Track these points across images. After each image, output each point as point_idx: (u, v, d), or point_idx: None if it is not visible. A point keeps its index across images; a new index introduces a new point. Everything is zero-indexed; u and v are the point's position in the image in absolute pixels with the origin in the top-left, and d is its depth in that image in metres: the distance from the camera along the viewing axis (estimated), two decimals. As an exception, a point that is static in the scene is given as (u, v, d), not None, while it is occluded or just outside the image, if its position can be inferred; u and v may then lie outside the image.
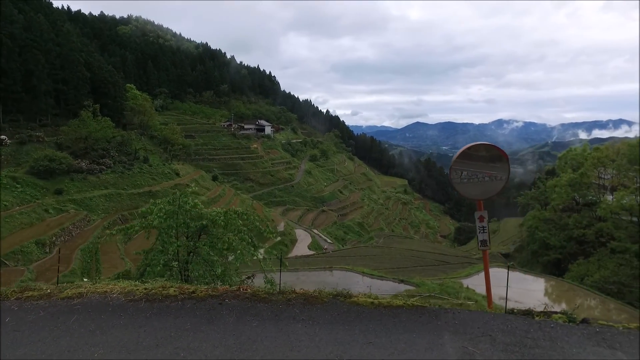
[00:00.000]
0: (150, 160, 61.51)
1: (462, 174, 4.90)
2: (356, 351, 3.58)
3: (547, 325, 4.03)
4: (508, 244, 64.67)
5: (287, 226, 70.57)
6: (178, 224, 7.51)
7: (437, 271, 33.78)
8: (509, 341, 3.69)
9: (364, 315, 4.24)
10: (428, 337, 3.79)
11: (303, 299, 4.55)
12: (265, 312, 4.32)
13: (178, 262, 7.36)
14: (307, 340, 3.77)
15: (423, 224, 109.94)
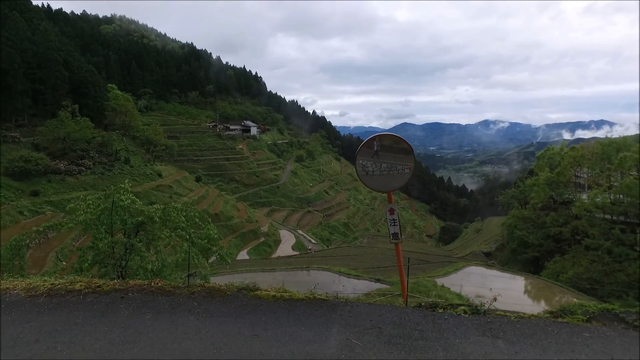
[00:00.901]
0: (131, 161, 60.78)
1: (367, 166, 4.91)
2: (239, 343, 3.56)
3: (441, 317, 4.07)
4: (490, 242, 65.39)
5: (271, 227, 70.34)
6: (114, 220, 7.41)
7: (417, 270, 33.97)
8: (395, 333, 3.71)
9: (261, 308, 4.22)
10: (316, 329, 3.78)
11: (207, 292, 4.52)
12: (164, 305, 4.28)
13: (114, 258, 7.26)
14: (193, 332, 3.74)
15: (409, 223, 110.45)
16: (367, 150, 4.89)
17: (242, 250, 58.78)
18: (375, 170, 4.86)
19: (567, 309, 4.30)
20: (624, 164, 36.30)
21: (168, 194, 59.88)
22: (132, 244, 7.24)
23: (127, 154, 62.83)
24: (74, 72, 58.53)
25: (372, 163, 4.83)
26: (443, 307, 4.39)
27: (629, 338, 3.69)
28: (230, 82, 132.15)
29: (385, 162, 4.82)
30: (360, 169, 4.98)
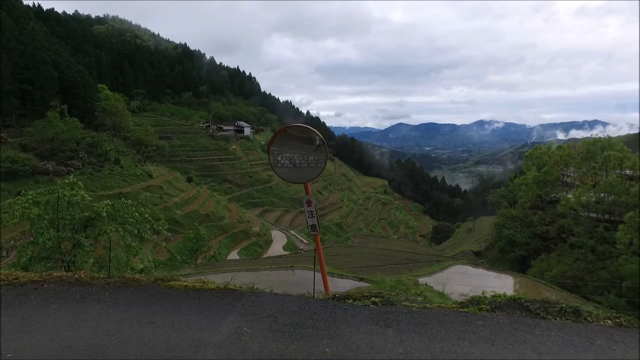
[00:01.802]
0: (121, 162, 60.54)
1: (280, 157, 4.94)
2: (133, 330, 3.60)
3: (342, 307, 4.11)
4: (481, 242, 65.61)
5: (263, 227, 70.25)
6: (62, 215, 7.41)
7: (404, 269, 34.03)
8: (289, 322, 3.76)
9: (169, 297, 4.26)
10: (213, 317, 3.83)
11: (123, 283, 4.55)
12: (74, 295, 4.31)
13: (61, 253, 7.26)
14: (92, 320, 3.78)
15: (402, 223, 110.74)
16: (281, 141, 4.93)
17: (233, 251, 58.76)
18: (288, 161, 4.90)
19: (476, 300, 4.36)
20: (607, 162, 36.56)
21: (158, 195, 59.73)
22: (77, 240, 7.24)
23: (118, 154, 62.61)
24: (63, 72, 58.26)
25: (285, 154, 4.86)
26: (355, 299, 4.43)
27: (521, 325, 3.76)
28: (223, 83, 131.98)
29: (298, 153, 4.86)
30: (273, 161, 5.02)
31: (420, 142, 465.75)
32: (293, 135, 4.88)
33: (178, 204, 61.25)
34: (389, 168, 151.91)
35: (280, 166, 5.03)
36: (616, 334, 3.63)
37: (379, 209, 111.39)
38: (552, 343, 3.39)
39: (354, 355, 3.15)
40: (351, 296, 4.52)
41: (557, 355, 3.21)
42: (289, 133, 4.88)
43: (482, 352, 3.24)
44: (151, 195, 58.07)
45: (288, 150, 4.89)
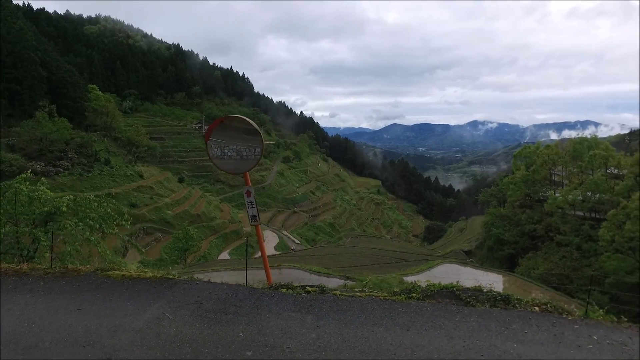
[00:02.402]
0: (112, 162, 60.23)
1: (219, 149, 4.98)
2: (57, 317, 3.63)
3: (269, 295, 4.17)
4: (472, 241, 65.96)
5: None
6: (22, 210, 7.40)
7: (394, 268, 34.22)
8: (212, 308, 3.81)
9: (104, 286, 4.30)
10: (140, 304, 3.88)
11: (61, 273, 4.57)
12: (7, 285, 4.33)
13: (19, 248, 7.24)
14: (18, 308, 3.80)
15: (395, 223, 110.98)
16: (218, 133, 4.97)
17: (224, 251, 58.68)
18: (225, 152, 4.94)
19: (409, 288, 4.42)
20: (593, 161, 36.92)
21: (149, 195, 59.51)
22: (36, 234, 7.22)
23: (108, 155, 62.26)
24: (53, 72, 57.89)
25: (222, 145, 4.90)
26: (290, 288, 4.49)
27: (443, 312, 3.83)
28: (217, 83, 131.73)
29: (235, 144, 4.89)
30: (212, 152, 5.06)
31: (414, 143, 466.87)
32: (230, 126, 4.91)
33: (169, 204, 61.04)
34: (383, 168, 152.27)
35: (218, 157, 5.07)
36: (534, 319, 3.71)
37: (372, 209, 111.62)
38: (467, 328, 3.46)
39: (266, 339, 3.20)
40: (287, 285, 4.57)
41: (467, 340, 3.28)
42: (226, 124, 4.92)
43: (394, 337, 3.30)
44: (142, 196, 57.93)
45: (226, 141, 4.93)
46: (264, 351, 3.03)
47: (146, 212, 55.43)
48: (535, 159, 45.87)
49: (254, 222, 5.49)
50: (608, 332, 3.51)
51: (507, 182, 48.22)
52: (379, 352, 3.05)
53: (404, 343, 3.18)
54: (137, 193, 58.19)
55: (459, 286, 4.46)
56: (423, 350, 3.08)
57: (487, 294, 4.29)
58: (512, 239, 43.86)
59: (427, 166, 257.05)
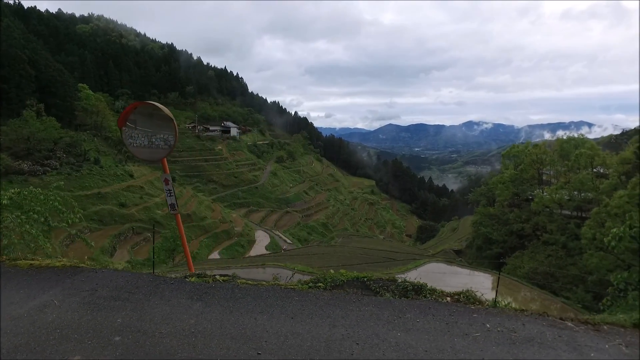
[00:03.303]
0: (101, 162, 59.89)
1: (133, 135, 4.89)
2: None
3: (170, 282, 4.08)
4: (462, 240, 66.05)
5: (246, 227, 70.01)
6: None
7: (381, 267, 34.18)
8: (105, 295, 3.74)
9: (7, 275, 4.21)
10: (35, 292, 3.84)
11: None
12: None
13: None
14: None
15: (389, 223, 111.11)
16: (132, 120, 4.87)
17: (215, 251, 58.45)
18: (140, 139, 4.84)
19: (320, 279, 4.35)
20: (579, 160, 37.04)
21: (139, 195, 59.19)
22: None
23: (98, 154, 61.92)
24: (41, 70, 57.48)
25: (136, 132, 4.81)
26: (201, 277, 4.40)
27: (339, 301, 3.77)
28: (210, 83, 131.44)
29: (149, 131, 4.80)
30: (127, 140, 4.96)
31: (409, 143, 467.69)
32: (144, 113, 4.82)
33: (159, 204, 60.72)
34: (377, 168, 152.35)
35: (134, 145, 4.98)
36: (434, 308, 3.65)
37: (366, 209, 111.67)
38: (355, 317, 3.40)
39: (141, 325, 3.12)
40: (199, 274, 4.48)
41: (350, 328, 3.21)
42: (140, 111, 4.82)
43: (274, 324, 3.23)
44: (131, 196, 57.61)
45: (140, 128, 4.84)
46: (134, 336, 2.95)
47: (135, 211, 55.14)
48: (524, 158, 46.00)
49: (173, 210, 5.39)
50: (504, 320, 3.45)
51: (496, 181, 48.34)
52: (250, 338, 2.99)
53: (281, 331, 3.11)
54: (126, 193, 57.86)
55: (370, 276, 4.39)
56: (297, 338, 3.01)
57: (400, 285, 4.22)
58: (500, 238, 43.95)
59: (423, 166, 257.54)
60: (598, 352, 2.99)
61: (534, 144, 48.75)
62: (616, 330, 3.42)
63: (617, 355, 2.97)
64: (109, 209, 52.05)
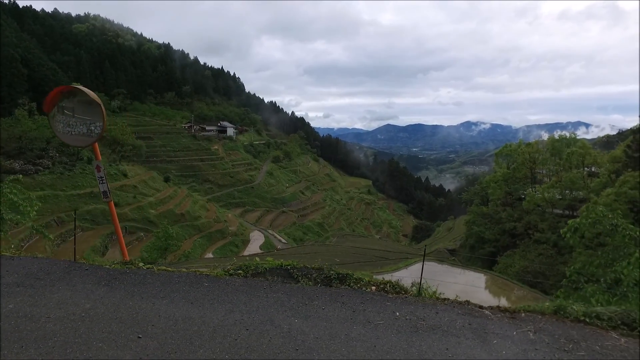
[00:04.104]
0: (95, 161, 59.90)
1: (60, 121, 4.77)
2: None
3: (83, 269, 3.99)
4: (457, 240, 66.01)
5: (241, 227, 69.84)
6: None
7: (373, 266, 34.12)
8: (11, 281, 3.76)
9: None
10: None
11: None
12: None
13: None
14: None
15: (385, 223, 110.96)
16: (59, 105, 4.76)
17: (208, 250, 58.28)
18: (67, 124, 4.73)
19: (242, 267, 4.25)
20: (571, 159, 37.00)
21: (132, 194, 59.03)
22: None
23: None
24: (34, 69, 57.37)
25: (64, 118, 4.69)
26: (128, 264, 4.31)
27: (250, 288, 3.69)
28: (207, 83, 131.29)
29: (76, 117, 4.69)
30: (54, 125, 4.85)
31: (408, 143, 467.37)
32: (70, 97, 4.71)
33: (152, 203, 60.55)
34: (374, 168, 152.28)
35: (61, 130, 4.86)
36: (347, 296, 3.57)
37: (362, 209, 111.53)
38: (259, 303, 3.33)
39: (32, 310, 3.08)
40: (125, 262, 4.39)
41: (249, 314, 3.14)
42: (67, 96, 4.71)
43: (169, 309, 3.17)
44: (124, 195, 57.44)
45: (68, 113, 4.72)
46: (17, 321, 2.88)
47: (128, 211, 54.99)
48: (516, 158, 45.97)
49: (106, 198, 5.28)
50: (418, 308, 3.37)
51: (489, 180, 48.29)
52: (138, 322, 2.92)
53: (174, 315, 3.04)
54: (119, 192, 57.67)
55: (294, 264, 4.29)
56: (187, 322, 2.93)
57: (324, 273, 4.12)
58: (493, 237, 43.90)
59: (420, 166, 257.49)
60: (502, 338, 2.90)
61: (526, 143, 48.70)
62: (533, 317, 3.33)
63: (520, 341, 2.87)
64: (101, 209, 51.85)
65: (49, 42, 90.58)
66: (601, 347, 2.86)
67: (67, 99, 4.72)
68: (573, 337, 2.97)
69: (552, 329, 3.09)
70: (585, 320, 3.25)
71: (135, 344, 2.63)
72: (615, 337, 3.04)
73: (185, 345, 2.64)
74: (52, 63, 65.46)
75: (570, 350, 2.81)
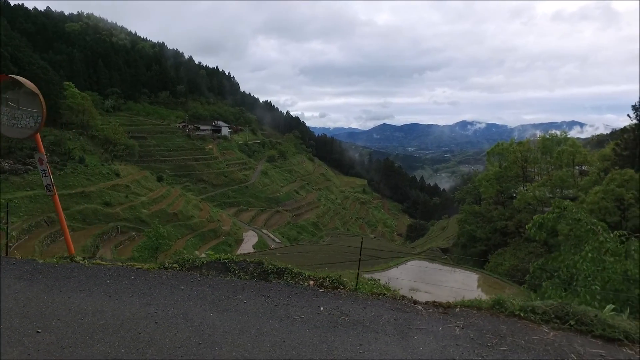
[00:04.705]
0: (86, 161, 59.38)
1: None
2: None
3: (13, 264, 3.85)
4: (451, 239, 66.08)
5: (234, 226, 69.65)
6: None
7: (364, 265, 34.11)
8: None
9: None
10: None
11: None
12: None
13: None
14: None
15: (380, 222, 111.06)
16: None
17: (200, 250, 58.04)
18: (5, 116, 4.58)
19: (178, 260, 4.14)
20: (561, 157, 37.06)
21: (124, 194, 58.70)
22: None
23: (83, 153, 61.42)
24: (24, 68, 56.87)
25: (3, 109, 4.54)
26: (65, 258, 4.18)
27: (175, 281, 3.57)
28: (202, 82, 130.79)
29: (14, 108, 4.55)
30: None
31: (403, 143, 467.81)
32: (6, 88, 4.56)
33: (145, 203, 60.25)
34: (369, 168, 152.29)
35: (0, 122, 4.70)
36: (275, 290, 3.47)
37: (357, 208, 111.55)
38: (178, 297, 3.25)
39: None
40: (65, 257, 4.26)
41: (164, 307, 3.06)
42: (2, 86, 4.56)
43: (84, 302, 3.10)
44: (116, 195, 57.09)
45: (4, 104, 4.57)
46: None
47: (120, 210, 54.69)
48: (508, 156, 46.02)
49: (49, 191, 5.15)
50: (346, 304, 3.27)
51: (481, 179, 48.32)
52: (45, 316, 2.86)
53: (86, 308, 2.97)
54: (111, 192, 57.37)
55: (233, 258, 4.18)
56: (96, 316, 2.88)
57: (261, 267, 4.01)
58: (485, 236, 43.89)
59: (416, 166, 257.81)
60: (425, 334, 2.80)
61: (518, 141, 48.76)
62: (467, 313, 3.23)
63: (443, 337, 2.78)
64: (92, 208, 51.55)
65: (41, 40, 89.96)
66: (526, 341, 2.77)
67: (5, 89, 4.57)
68: (501, 332, 2.87)
69: (482, 324, 2.99)
70: (520, 314, 3.16)
71: (29, 339, 2.51)
72: (545, 330, 2.95)
73: (83, 340, 2.52)
74: (44, 62, 64.94)
75: (493, 345, 2.70)
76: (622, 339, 2.81)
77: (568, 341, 2.80)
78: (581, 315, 3.04)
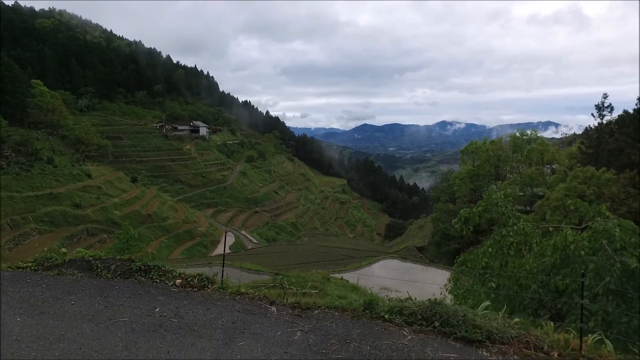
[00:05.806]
0: (55, 161, 57.48)
1: None
2: None
3: None
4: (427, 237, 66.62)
5: (211, 227, 68.66)
6: None
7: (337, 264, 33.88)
8: None
9: None
10: None
11: None
12: None
13: None
14: None
15: (360, 222, 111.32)
16: None
17: (175, 251, 56.96)
18: None
19: (38, 259, 3.77)
20: (531, 155, 37.67)
21: (95, 195, 57.09)
22: None
23: (52, 153, 59.41)
24: (-12, 65, 54.78)
25: None
26: None
27: (12, 282, 3.19)
28: (180, 82, 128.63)
29: None
30: None
31: (384, 143, 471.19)
32: None
33: (117, 204, 58.72)
34: (349, 168, 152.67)
35: None
36: (121, 289, 3.18)
37: (337, 208, 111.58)
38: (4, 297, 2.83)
39: None
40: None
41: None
42: None
43: None
44: (87, 196, 55.46)
45: None
46: None
47: (91, 212, 53.16)
48: (481, 155, 46.61)
49: None
50: (191, 305, 3.00)
51: (455, 177, 48.82)
52: None
53: None
54: (82, 193, 55.69)
55: (99, 255, 3.83)
56: None
57: (126, 265, 3.68)
58: (457, 234, 44.29)
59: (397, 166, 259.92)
60: (255, 340, 2.61)
61: (490, 140, 49.46)
62: (325, 315, 2.98)
63: (275, 343, 2.53)
64: (61, 210, 49.93)
65: (8, 36, 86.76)
66: (372, 347, 2.53)
67: None
68: (349, 337, 2.63)
69: (333, 328, 2.74)
70: (385, 317, 2.91)
71: None
72: (404, 334, 2.73)
73: None
74: (9, 59, 62.62)
75: (329, 352, 2.45)
76: (483, 340, 2.60)
77: (422, 345, 2.58)
78: (449, 316, 2.83)
